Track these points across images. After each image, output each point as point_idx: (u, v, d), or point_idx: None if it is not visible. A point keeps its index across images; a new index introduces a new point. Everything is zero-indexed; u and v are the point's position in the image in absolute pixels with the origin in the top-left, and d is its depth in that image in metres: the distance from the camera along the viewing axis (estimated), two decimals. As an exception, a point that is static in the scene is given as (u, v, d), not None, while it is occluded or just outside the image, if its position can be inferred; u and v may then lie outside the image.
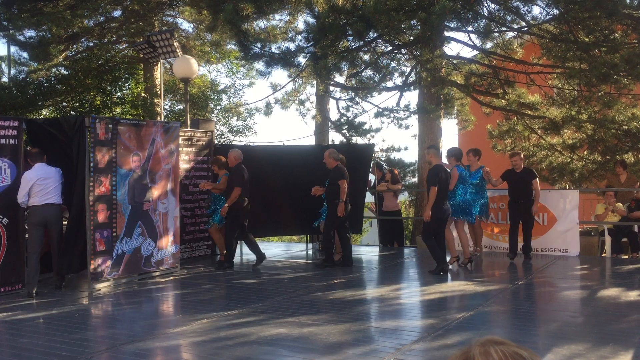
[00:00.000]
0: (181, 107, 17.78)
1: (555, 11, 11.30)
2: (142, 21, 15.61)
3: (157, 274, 8.41)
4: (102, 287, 7.55)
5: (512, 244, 9.54)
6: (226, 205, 8.80)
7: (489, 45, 13.12)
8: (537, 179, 9.51)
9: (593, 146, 13.14)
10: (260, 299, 6.93)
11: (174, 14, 17.35)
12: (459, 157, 9.16)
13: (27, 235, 7.57)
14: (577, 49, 11.06)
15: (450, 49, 29.36)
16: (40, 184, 7.26)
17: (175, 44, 11.79)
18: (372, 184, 12.26)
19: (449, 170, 8.69)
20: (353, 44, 12.69)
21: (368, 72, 14.42)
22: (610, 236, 10.05)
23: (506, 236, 10.43)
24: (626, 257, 10.13)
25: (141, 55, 13.36)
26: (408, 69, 15.43)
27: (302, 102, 18.31)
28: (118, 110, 15.70)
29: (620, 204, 10.26)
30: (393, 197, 11.74)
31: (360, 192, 11.40)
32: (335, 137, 18.98)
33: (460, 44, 15.74)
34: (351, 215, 11.22)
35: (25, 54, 16.37)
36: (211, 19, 12.87)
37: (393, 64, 15.14)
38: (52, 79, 15.53)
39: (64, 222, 7.92)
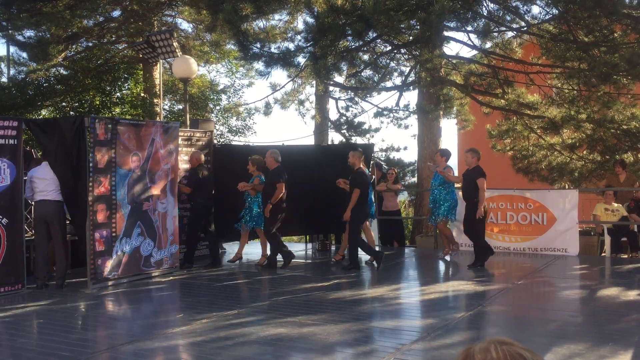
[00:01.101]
0: (180, 107, 17.77)
1: (555, 11, 11.29)
2: (141, 21, 15.59)
3: (156, 274, 8.40)
4: (102, 287, 7.54)
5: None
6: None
7: (488, 45, 13.11)
8: (483, 178, 8.79)
9: (592, 146, 13.14)
10: (260, 298, 6.93)
11: (173, 14, 17.33)
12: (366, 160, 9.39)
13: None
14: (577, 49, 11.06)
15: (450, 49, 29.32)
16: (34, 181, 7.60)
17: (175, 44, 11.78)
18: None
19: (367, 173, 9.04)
20: (352, 43, 12.68)
21: (367, 72, 14.41)
22: (610, 236, 10.06)
23: (506, 235, 10.46)
24: (625, 256, 10.14)
25: (140, 55, 13.36)
26: (407, 69, 15.42)
27: (301, 102, 18.29)
28: (117, 110, 15.69)
29: (620, 204, 10.27)
30: (393, 197, 11.74)
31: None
32: (334, 137, 18.97)
33: (459, 44, 15.76)
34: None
35: (24, 54, 16.35)
36: (210, 19, 12.86)
37: (392, 64, 15.13)
38: (52, 79, 15.52)
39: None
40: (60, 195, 7.64)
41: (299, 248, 12.31)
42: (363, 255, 9.24)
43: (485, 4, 11.84)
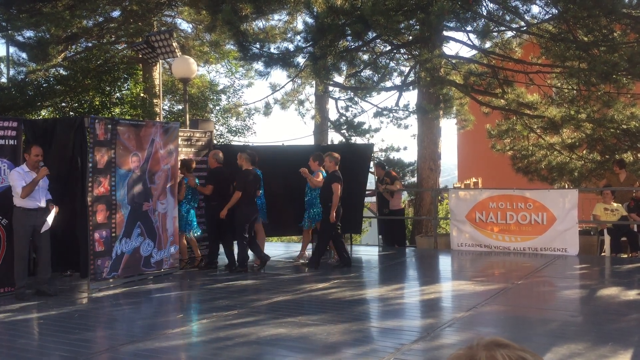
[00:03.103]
0: (180, 107, 17.76)
1: (554, 10, 11.30)
2: (140, 21, 15.59)
3: (156, 274, 8.40)
4: (102, 287, 7.54)
5: (338, 251, 9.14)
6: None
7: (487, 44, 13.12)
8: (338, 183, 8.72)
9: (592, 145, 13.14)
10: (260, 299, 6.93)
11: (173, 14, 17.33)
12: (253, 159, 9.36)
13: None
14: (576, 48, 11.06)
15: (449, 49, 29.36)
16: None
17: (174, 44, 11.78)
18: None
19: (259, 173, 9.04)
20: (352, 44, 12.68)
21: (367, 72, 14.42)
22: (610, 235, 10.05)
23: (505, 235, 10.45)
24: (625, 256, 10.13)
25: (140, 56, 13.36)
26: (407, 69, 15.43)
27: (301, 102, 18.31)
28: (117, 110, 15.68)
29: (620, 204, 10.27)
30: (395, 196, 11.73)
31: (359, 192, 11.39)
32: (334, 137, 18.99)
33: (459, 44, 15.76)
34: (350, 215, 11.24)
35: (24, 55, 16.35)
36: (210, 19, 12.87)
37: (392, 64, 15.13)
38: (51, 79, 15.51)
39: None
40: (14, 200, 7.09)
41: (298, 248, 12.30)
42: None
43: (484, 4, 11.85)
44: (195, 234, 9.39)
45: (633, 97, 12.20)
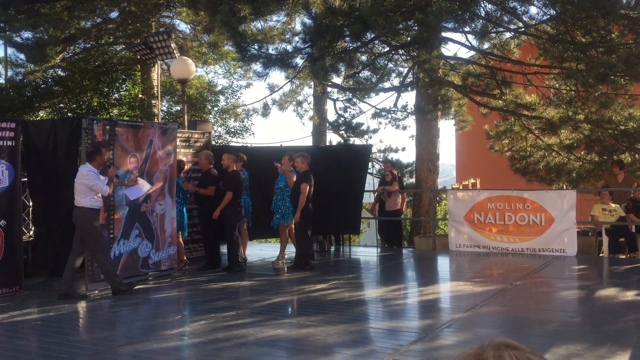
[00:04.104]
0: (178, 108, 17.75)
1: (552, 11, 11.32)
2: (139, 22, 15.57)
3: (154, 275, 8.39)
4: (100, 288, 7.53)
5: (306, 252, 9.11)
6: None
7: (486, 45, 13.14)
8: (306, 183, 8.74)
9: (590, 146, 13.15)
10: (258, 300, 6.93)
11: (171, 15, 17.31)
12: (243, 161, 9.40)
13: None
14: (574, 50, 11.07)
15: (448, 50, 29.31)
16: None
17: (173, 45, 11.77)
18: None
19: (244, 174, 9.08)
20: (350, 45, 12.68)
21: (365, 73, 14.42)
22: (608, 236, 10.06)
23: (504, 236, 10.45)
24: (624, 257, 10.14)
25: (138, 57, 13.34)
26: (405, 70, 15.44)
27: (299, 103, 18.29)
28: (115, 111, 15.67)
29: (618, 205, 10.28)
30: (393, 197, 11.72)
31: (357, 194, 11.39)
32: (332, 138, 18.97)
33: (457, 45, 15.78)
34: (348, 216, 11.26)
35: (22, 56, 16.31)
36: (208, 20, 12.86)
37: (390, 65, 15.14)
38: (49, 80, 15.49)
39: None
40: (83, 201, 7.04)
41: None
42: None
43: (482, 5, 11.87)
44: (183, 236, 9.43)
45: (631, 98, 12.21)
